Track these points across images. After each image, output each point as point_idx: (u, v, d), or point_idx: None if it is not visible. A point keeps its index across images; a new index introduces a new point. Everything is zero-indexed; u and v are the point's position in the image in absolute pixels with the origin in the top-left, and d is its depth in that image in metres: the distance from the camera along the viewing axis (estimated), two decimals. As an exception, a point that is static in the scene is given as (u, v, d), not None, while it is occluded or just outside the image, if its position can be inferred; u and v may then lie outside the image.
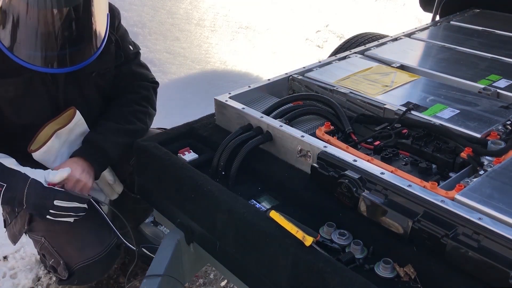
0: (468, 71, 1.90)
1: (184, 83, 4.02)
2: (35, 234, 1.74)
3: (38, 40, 1.43)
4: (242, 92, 1.72)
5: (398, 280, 1.08)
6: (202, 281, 2.23)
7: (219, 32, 4.88)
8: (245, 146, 1.43)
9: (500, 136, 1.39)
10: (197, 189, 1.37)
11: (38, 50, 1.44)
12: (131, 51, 1.81)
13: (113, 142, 1.67)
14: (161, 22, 4.72)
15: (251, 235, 1.22)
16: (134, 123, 1.74)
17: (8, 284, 2.20)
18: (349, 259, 1.12)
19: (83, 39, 1.51)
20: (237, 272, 1.41)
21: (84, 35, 1.51)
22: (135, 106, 1.78)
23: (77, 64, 1.50)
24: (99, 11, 1.52)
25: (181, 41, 4.58)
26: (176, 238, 1.54)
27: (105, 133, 1.68)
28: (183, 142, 1.63)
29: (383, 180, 1.21)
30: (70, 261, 1.66)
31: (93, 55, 1.53)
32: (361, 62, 1.98)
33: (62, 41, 1.45)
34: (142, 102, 1.80)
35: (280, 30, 5.14)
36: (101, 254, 1.66)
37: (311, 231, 1.12)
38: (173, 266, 1.54)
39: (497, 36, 2.36)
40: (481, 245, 1.04)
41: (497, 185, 1.18)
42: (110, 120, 1.73)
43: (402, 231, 1.13)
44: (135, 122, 1.75)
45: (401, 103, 1.59)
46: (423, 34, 2.40)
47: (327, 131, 1.45)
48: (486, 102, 1.60)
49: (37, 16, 1.39)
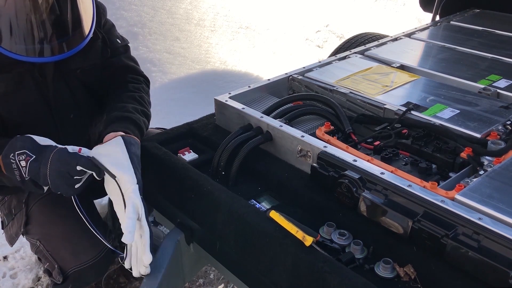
0: (468, 71, 1.90)
1: (184, 83, 4.02)
2: (31, 237, 1.74)
3: (22, 29, 1.40)
4: (242, 92, 1.72)
5: (398, 280, 1.08)
6: (202, 281, 2.23)
7: (219, 32, 4.88)
8: (245, 146, 1.43)
9: (500, 136, 1.39)
10: (197, 189, 1.37)
11: (23, 39, 1.41)
12: (119, 44, 1.78)
13: (137, 112, 1.60)
14: (161, 22, 4.72)
15: (251, 235, 1.22)
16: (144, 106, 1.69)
17: (8, 284, 2.20)
18: (349, 259, 1.12)
19: (69, 26, 1.48)
20: (237, 272, 1.41)
21: (70, 22, 1.48)
22: (138, 92, 1.72)
23: (65, 52, 1.47)
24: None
25: (181, 41, 4.58)
26: (176, 238, 1.54)
27: (126, 108, 1.61)
28: (183, 142, 1.63)
29: (383, 180, 1.21)
30: (65, 265, 1.66)
31: (82, 43, 1.50)
32: (361, 62, 1.98)
33: (47, 29, 1.43)
34: (141, 92, 1.76)
35: (280, 30, 5.14)
36: (95, 259, 1.66)
37: (311, 231, 1.12)
38: (173, 266, 1.54)
39: (497, 36, 2.36)
40: (481, 245, 1.04)
41: (497, 185, 1.18)
42: (121, 102, 1.63)
43: (402, 231, 1.13)
44: (145, 104, 1.70)
45: (401, 103, 1.59)
46: (423, 34, 2.40)
47: (327, 131, 1.45)
48: (486, 102, 1.60)
49: (20, 4, 1.38)
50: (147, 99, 1.73)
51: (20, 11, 1.39)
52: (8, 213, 1.80)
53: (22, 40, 1.42)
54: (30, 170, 1.34)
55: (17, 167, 1.34)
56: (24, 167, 1.34)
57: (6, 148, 1.36)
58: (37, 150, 1.35)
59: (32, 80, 1.57)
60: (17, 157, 1.34)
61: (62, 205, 1.71)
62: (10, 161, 1.34)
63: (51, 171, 1.33)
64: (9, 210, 1.81)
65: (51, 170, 1.33)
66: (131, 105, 1.61)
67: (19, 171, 1.35)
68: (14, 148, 1.35)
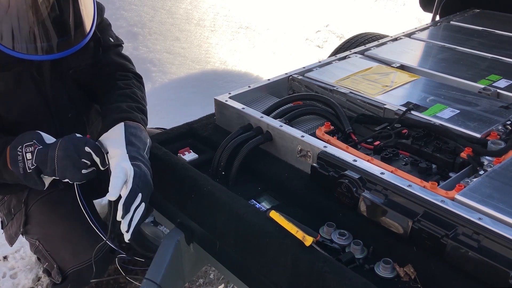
0: (468, 71, 1.90)
1: (184, 83, 4.02)
2: (30, 237, 1.74)
3: (21, 27, 1.40)
4: (242, 92, 1.72)
5: (398, 280, 1.08)
6: (202, 281, 2.23)
7: (219, 32, 4.88)
8: (245, 146, 1.43)
9: (500, 136, 1.39)
10: (197, 189, 1.37)
11: (21, 37, 1.42)
12: (111, 42, 1.77)
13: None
14: (161, 22, 4.72)
15: (251, 235, 1.22)
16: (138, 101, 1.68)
17: (8, 284, 2.20)
18: (349, 259, 1.12)
19: (69, 24, 1.47)
20: (237, 272, 1.41)
21: (71, 21, 1.48)
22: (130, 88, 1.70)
23: (63, 51, 1.47)
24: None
25: (181, 41, 4.58)
26: (176, 238, 1.54)
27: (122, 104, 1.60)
28: (183, 142, 1.63)
29: (383, 180, 1.21)
30: (64, 265, 1.66)
31: (82, 41, 1.49)
32: (361, 62, 1.98)
33: (46, 27, 1.42)
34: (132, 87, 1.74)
35: (280, 30, 5.14)
36: (94, 259, 1.66)
37: (311, 231, 1.12)
38: (173, 266, 1.54)
39: (497, 36, 2.36)
40: (481, 245, 1.04)
41: (497, 185, 1.18)
42: (115, 103, 1.62)
43: (402, 231, 1.13)
44: (138, 100, 1.68)
45: (401, 103, 1.59)
46: (423, 34, 2.40)
47: (327, 131, 1.45)
48: (486, 102, 1.60)
49: (20, 2, 1.38)
50: (140, 94, 1.71)
51: (20, 9, 1.39)
52: (8, 213, 1.80)
53: (21, 37, 1.42)
54: (38, 156, 1.36)
55: (22, 159, 1.37)
56: (29, 160, 1.36)
57: (15, 140, 1.39)
58: (45, 143, 1.39)
59: (32, 79, 1.57)
60: (24, 149, 1.37)
61: (62, 205, 1.71)
62: (17, 152, 1.37)
63: (59, 153, 1.35)
64: (9, 210, 1.80)
65: (59, 151, 1.35)
66: (125, 103, 1.61)
67: (23, 163, 1.37)
68: (23, 140, 1.38)
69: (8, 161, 1.40)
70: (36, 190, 1.69)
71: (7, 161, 1.40)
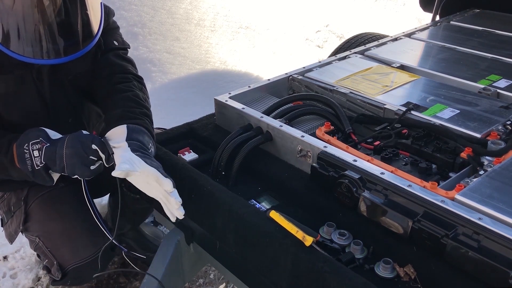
0: (468, 71, 1.90)
1: (184, 83, 4.02)
2: (30, 234, 1.74)
3: (28, 30, 1.40)
4: (242, 92, 1.72)
5: (398, 280, 1.08)
6: (202, 281, 2.23)
7: (219, 32, 4.88)
8: (245, 146, 1.43)
9: (500, 136, 1.39)
10: (197, 189, 1.37)
11: (28, 41, 1.41)
12: (114, 46, 1.74)
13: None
14: (161, 22, 4.72)
15: (251, 235, 1.22)
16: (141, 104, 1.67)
17: (8, 284, 2.20)
18: (349, 259, 1.12)
19: (76, 29, 1.47)
20: (237, 272, 1.41)
21: (79, 26, 1.47)
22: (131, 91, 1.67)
23: (64, 56, 1.46)
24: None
25: (181, 41, 4.58)
26: (176, 238, 1.54)
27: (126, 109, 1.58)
28: (183, 142, 1.63)
29: (383, 180, 1.21)
30: (64, 262, 1.66)
31: (87, 46, 1.49)
32: (361, 62, 1.98)
33: (51, 31, 1.41)
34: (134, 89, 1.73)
35: (280, 30, 5.14)
36: (95, 255, 1.66)
37: (311, 231, 1.12)
38: (173, 266, 1.54)
39: (497, 36, 2.36)
40: (481, 245, 1.04)
41: (497, 185, 1.18)
42: (117, 108, 1.60)
43: (402, 231, 1.13)
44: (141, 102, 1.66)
45: (401, 103, 1.59)
46: (423, 34, 2.40)
47: (327, 131, 1.46)
48: (486, 102, 1.60)
49: (26, 5, 1.38)
50: (142, 96, 1.68)
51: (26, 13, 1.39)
52: (7, 211, 1.80)
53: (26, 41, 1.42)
54: (46, 153, 1.36)
55: (30, 156, 1.37)
56: (37, 157, 1.37)
57: (20, 138, 1.39)
58: (51, 139, 1.39)
59: (33, 83, 1.57)
60: (31, 147, 1.36)
61: (62, 202, 1.71)
62: (24, 150, 1.36)
63: (68, 151, 1.36)
64: (8, 208, 1.80)
65: (67, 150, 1.36)
66: (128, 109, 1.58)
67: (31, 161, 1.37)
68: (29, 138, 1.37)
69: (16, 159, 1.40)
70: (36, 188, 1.70)
71: (14, 159, 1.40)
